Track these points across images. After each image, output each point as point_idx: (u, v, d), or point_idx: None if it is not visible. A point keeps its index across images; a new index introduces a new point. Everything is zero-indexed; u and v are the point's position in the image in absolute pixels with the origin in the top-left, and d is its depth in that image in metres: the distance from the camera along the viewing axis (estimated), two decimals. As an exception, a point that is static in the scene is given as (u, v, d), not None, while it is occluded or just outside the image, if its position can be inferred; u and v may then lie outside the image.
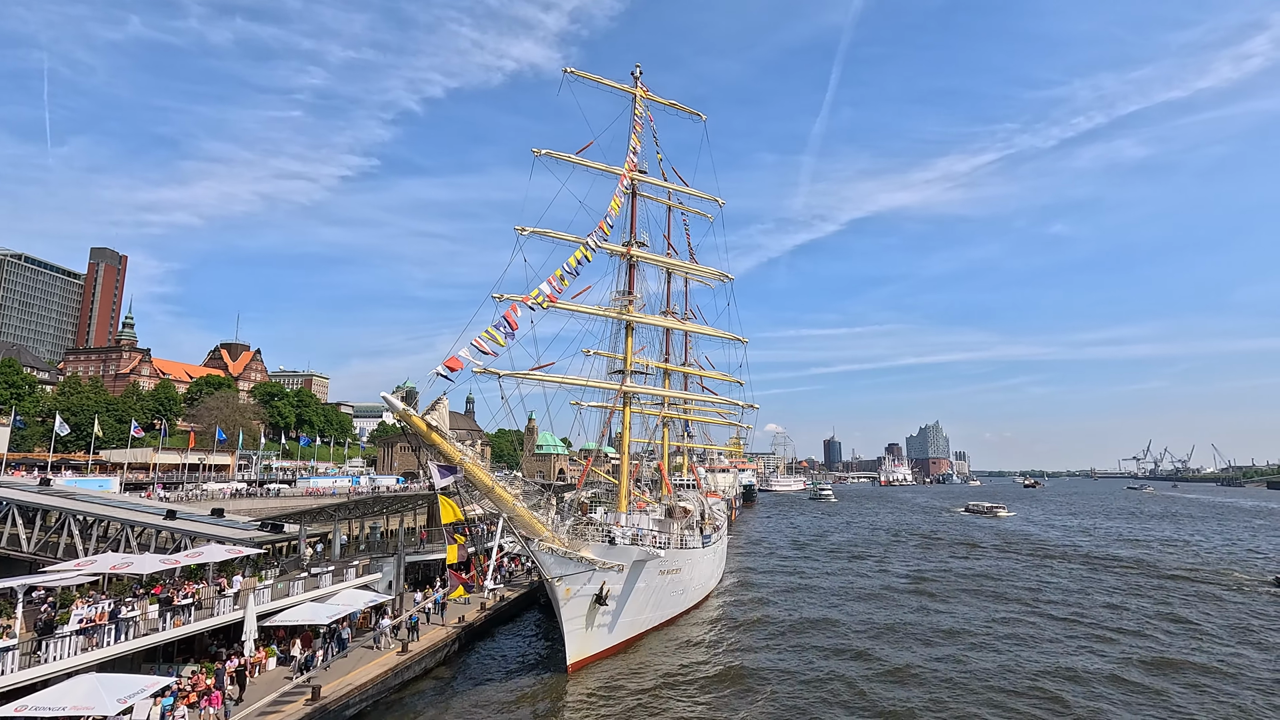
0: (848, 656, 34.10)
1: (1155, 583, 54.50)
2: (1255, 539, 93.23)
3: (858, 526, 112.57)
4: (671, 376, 67.36)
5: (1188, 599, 48.68)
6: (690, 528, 48.17)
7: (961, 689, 29.14)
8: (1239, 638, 38.09)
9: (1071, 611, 44.60)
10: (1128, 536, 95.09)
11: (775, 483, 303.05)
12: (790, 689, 29.03)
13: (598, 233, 39.02)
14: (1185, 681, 30.50)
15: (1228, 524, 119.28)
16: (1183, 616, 42.99)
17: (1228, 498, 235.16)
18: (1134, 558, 70.96)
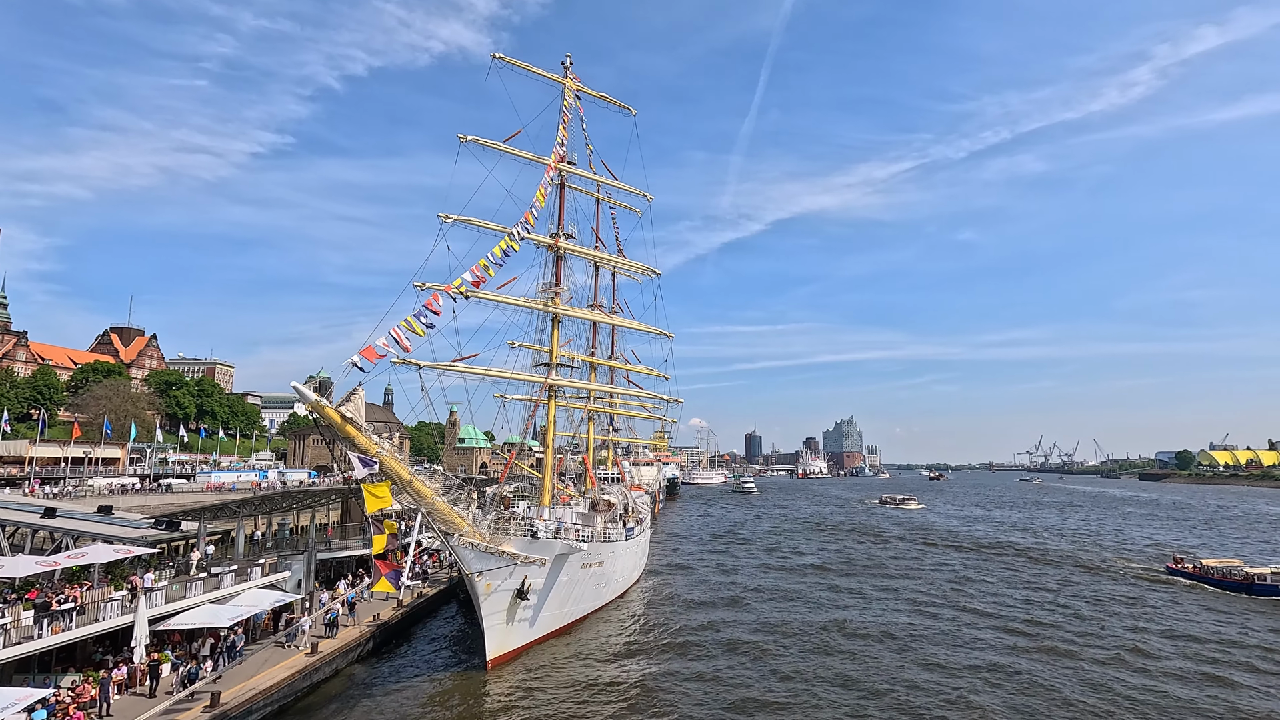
0: (763, 646, 35.05)
1: (1055, 573, 57.97)
2: (1137, 528, 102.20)
3: (776, 518, 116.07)
4: (598, 370, 67.25)
5: (1080, 586, 52.32)
6: (614, 521, 48.35)
7: (868, 683, 30.51)
8: (1133, 623, 39.77)
9: (971, 599, 47.58)
10: (1022, 526, 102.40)
11: (698, 476, 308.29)
12: (707, 680, 29.56)
13: (524, 223, 38.44)
14: (1082, 669, 32.96)
15: (1107, 512, 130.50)
16: (1080, 603, 45.71)
17: (1105, 488, 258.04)
18: (1030, 546, 76.34)
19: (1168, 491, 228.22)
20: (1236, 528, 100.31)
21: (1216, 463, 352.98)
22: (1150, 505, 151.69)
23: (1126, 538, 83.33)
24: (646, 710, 25.81)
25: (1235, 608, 43.91)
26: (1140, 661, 32.13)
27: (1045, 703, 26.74)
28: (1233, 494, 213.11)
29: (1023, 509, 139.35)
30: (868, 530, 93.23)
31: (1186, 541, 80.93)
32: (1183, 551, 66.75)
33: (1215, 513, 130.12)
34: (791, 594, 47.75)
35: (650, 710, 25.77)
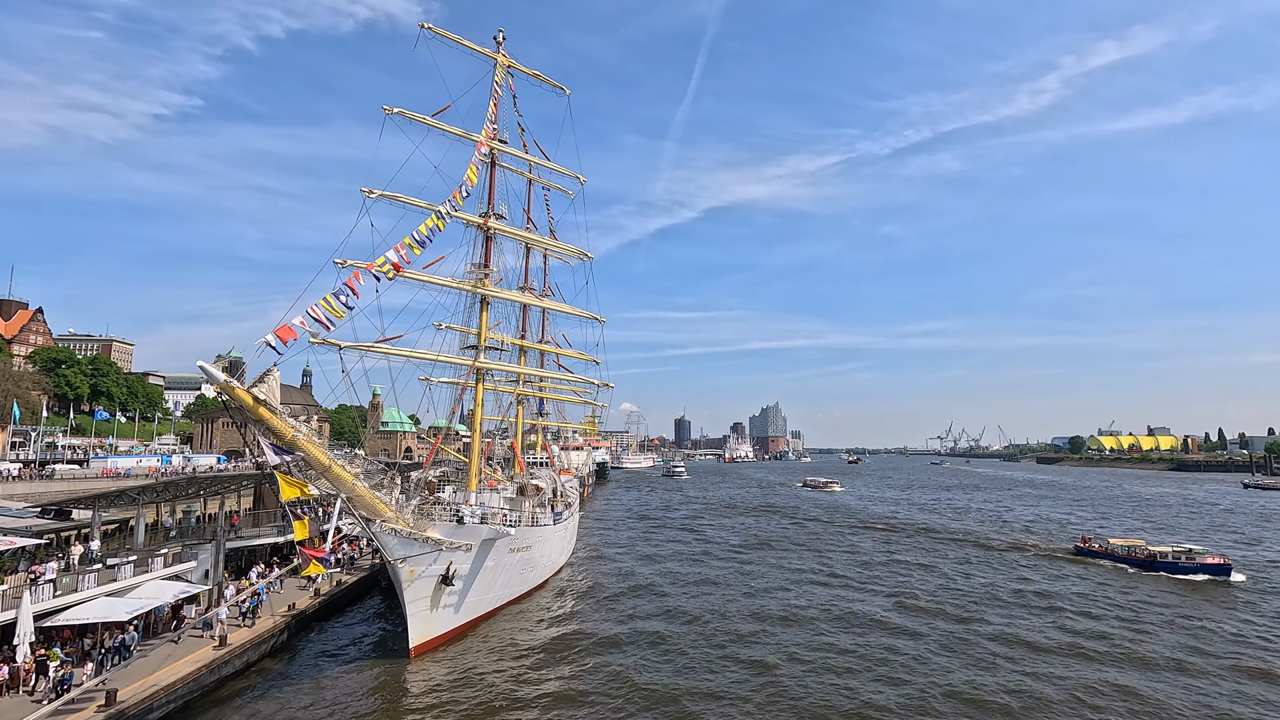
0: (685, 630, 35.76)
1: (975, 554, 59.70)
2: (1036, 508, 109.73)
3: (703, 502, 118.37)
4: (528, 354, 66.46)
5: (996, 566, 54.29)
6: (542, 505, 48.14)
7: (786, 667, 31.65)
8: (1050, 601, 41.28)
9: (878, 578, 49.93)
10: (935, 508, 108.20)
11: (627, 460, 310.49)
12: (630, 664, 29.87)
13: (453, 201, 37.32)
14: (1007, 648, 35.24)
15: (1009, 494, 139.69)
16: (998, 582, 47.42)
17: (1006, 471, 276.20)
18: (947, 529, 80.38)
19: (1061, 474, 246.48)
20: (1119, 507, 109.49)
21: (1104, 447, 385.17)
22: (1046, 487, 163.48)
23: (1032, 518, 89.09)
24: (569, 695, 25.95)
25: (1140, 583, 46.65)
26: (1058, 636, 33.62)
27: (971, 676, 28.46)
28: (1115, 475, 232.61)
29: (935, 491, 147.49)
30: (792, 513, 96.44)
31: (1082, 520, 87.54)
32: (1086, 531, 71.00)
33: (1100, 493, 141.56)
34: (714, 578, 48.79)
35: (573, 696, 25.91)
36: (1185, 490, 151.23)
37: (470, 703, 25.13)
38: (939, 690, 26.40)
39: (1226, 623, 36.57)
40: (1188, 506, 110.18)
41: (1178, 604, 40.88)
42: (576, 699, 25.48)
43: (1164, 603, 41.24)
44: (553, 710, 24.41)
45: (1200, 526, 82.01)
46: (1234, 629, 35.39)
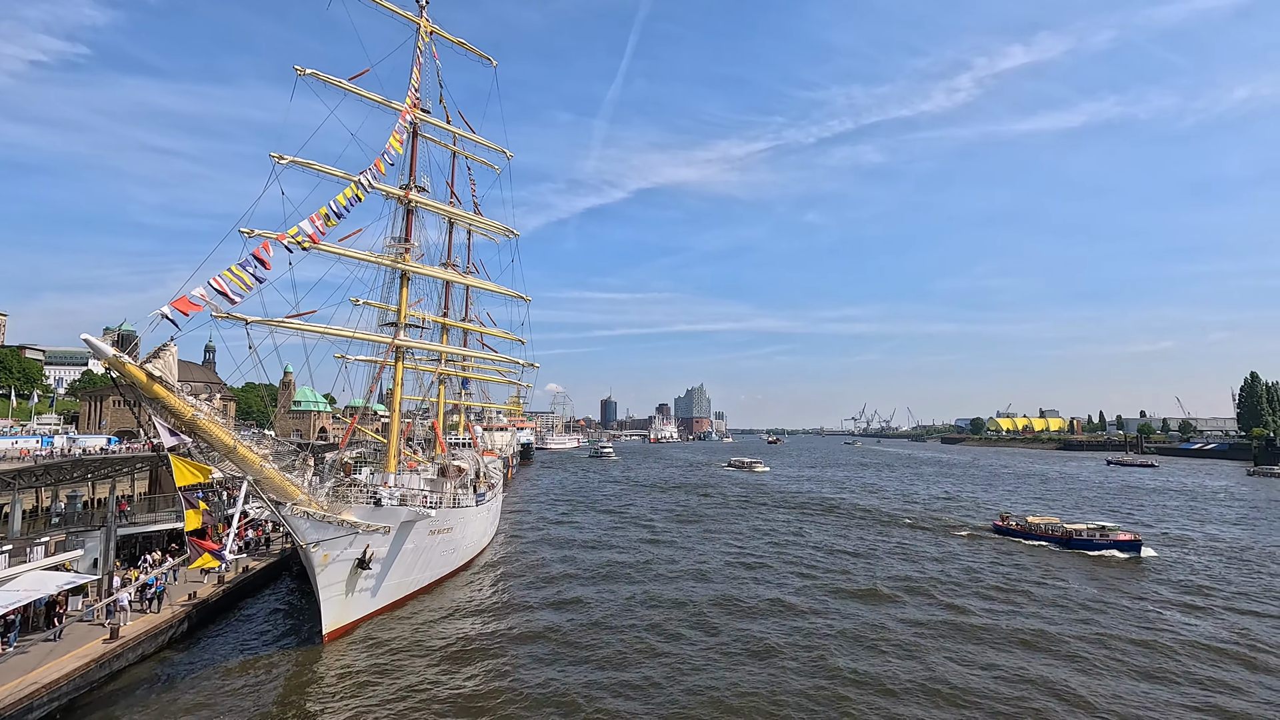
0: (609, 605, 36.17)
1: (896, 532, 60.57)
2: (944, 484, 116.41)
3: (628, 482, 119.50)
4: (450, 332, 64.75)
5: (914, 544, 55.38)
6: (464, 486, 47.38)
7: (705, 646, 32.53)
8: (972, 577, 42.06)
9: (802, 559, 51.79)
10: (852, 487, 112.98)
11: (552, 441, 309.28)
12: (550, 644, 29.82)
13: (373, 170, 35.70)
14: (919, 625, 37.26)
15: (916, 471, 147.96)
16: (919, 560, 48.49)
17: (913, 450, 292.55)
18: (869, 508, 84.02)
19: (963, 453, 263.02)
20: (1016, 484, 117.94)
21: (1001, 428, 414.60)
22: (950, 465, 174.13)
23: (945, 496, 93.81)
24: (488, 678, 25.74)
25: (1059, 560, 47.84)
26: (989, 617, 33.79)
27: (894, 651, 30.02)
28: (1010, 454, 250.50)
29: (851, 469, 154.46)
30: (716, 492, 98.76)
31: (990, 497, 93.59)
32: (1001, 508, 74.94)
33: (996, 470, 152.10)
34: (636, 558, 49.41)
35: (492, 679, 25.66)
36: (1065, 468, 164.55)
37: (385, 688, 24.58)
38: (868, 669, 27.80)
39: (1150, 596, 37.89)
40: (1063, 481, 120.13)
41: (1100, 580, 41.66)
42: (494, 682, 25.27)
43: (1087, 579, 42.16)
44: (470, 695, 24.15)
45: (1073, 500, 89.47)
46: (1156, 601, 36.80)
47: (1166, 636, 30.96)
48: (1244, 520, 70.07)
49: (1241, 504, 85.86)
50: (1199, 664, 27.65)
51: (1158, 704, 23.52)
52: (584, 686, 24.88)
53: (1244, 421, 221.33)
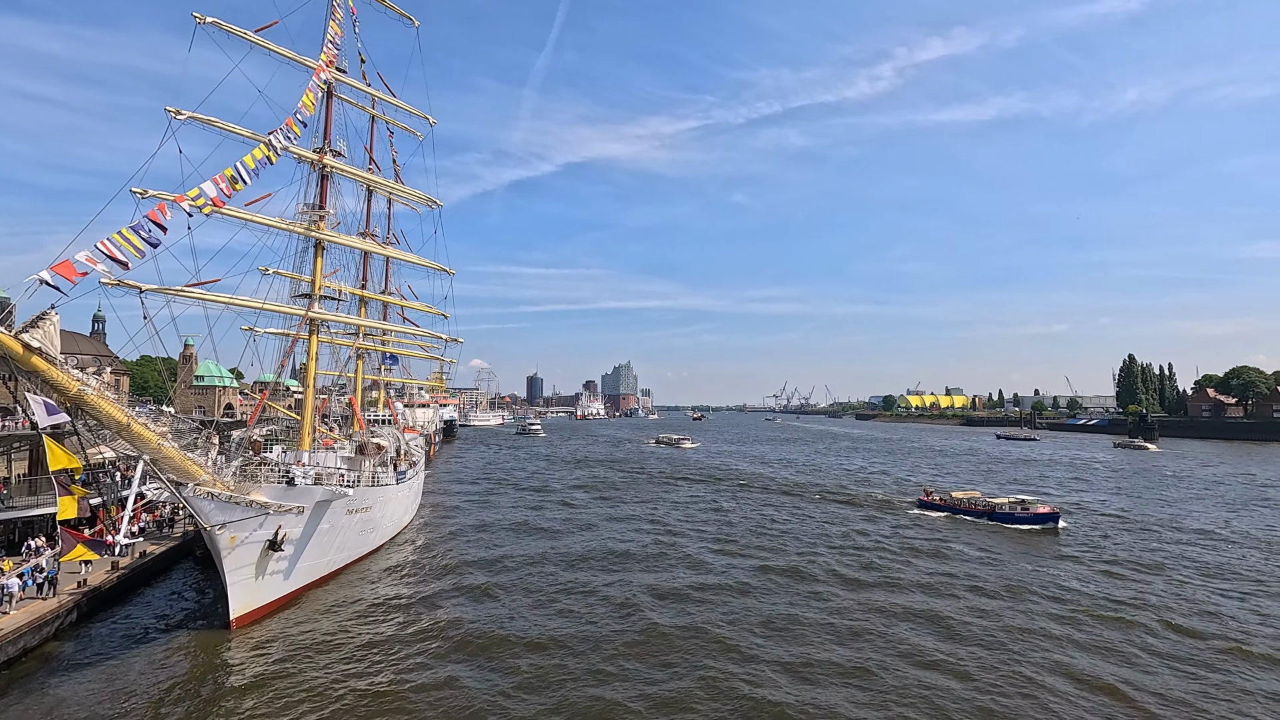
0: (527, 582, 36.00)
1: (825, 508, 60.71)
2: (867, 460, 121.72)
3: (554, 459, 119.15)
4: (369, 305, 62.21)
5: (844, 519, 56.34)
6: (384, 465, 46.03)
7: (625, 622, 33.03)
8: (900, 551, 42.75)
9: (731, 533, 53.06)
10: (776, 462, 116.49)
11: (476, 418, 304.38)
12: (468, 623, 29.34)
13: (284, 131, 33.57)
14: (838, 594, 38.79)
15: (832, 446, 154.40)
16: (850, 535, 48.45)
17: (830, 426, 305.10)
18: (797, 483, 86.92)
19: (876, 429, 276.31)
20: (926, 458, 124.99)
21: (910, 405, 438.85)
22: (864, 440, 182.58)
23: (866, 470, 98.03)
24: (403, 661, 25.09)
25: (983, 533, 48.88)
26: (909, 586, 34.98)
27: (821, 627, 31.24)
28: (918, 429, 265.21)
29: (773, 444, 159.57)
30: (644, 468, 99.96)
31: (901, 471, 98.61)
32: (910, 482, 78.69)
33: (905, 444, 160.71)
34: (559, 534, 49.52)
35: (407, 662, 25.08)
36: (965, 442, 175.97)
37: (298, 673, 23.75)
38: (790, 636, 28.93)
39: (1071, 567, 39.22)
40: (965, 455, 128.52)
41: (1027, 552, 43.01)
42: (409, 666, 24.69)
43: (1012, 550, 43.25)
44: (384, 679, 23.49)
45: (976, 473, 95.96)
46: (1079, 571, 38.28)
47: (1103, 602, 32.30)
48: (1121, 491, 76.86)
49: (1114, 474, 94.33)
50: (1133, 625, 29.24)
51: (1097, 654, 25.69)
52: (497, 667, 24.59)
53: (1122, 399, 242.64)
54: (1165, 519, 55.31)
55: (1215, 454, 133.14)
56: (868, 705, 21.69)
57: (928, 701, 21.91)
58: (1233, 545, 45.40)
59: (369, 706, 21.40)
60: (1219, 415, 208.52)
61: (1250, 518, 56.31)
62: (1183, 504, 64.23)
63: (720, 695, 22.26)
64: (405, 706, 21.46)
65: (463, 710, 21.29)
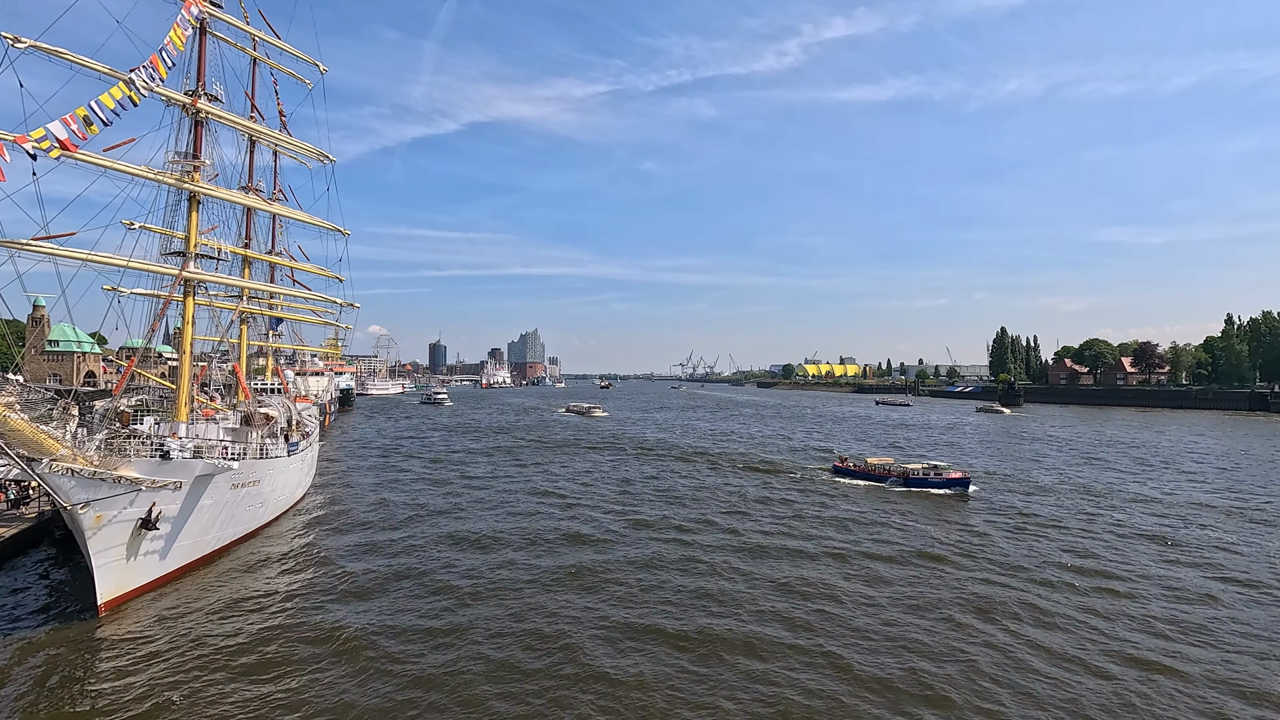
0: (425, 559, 34.98)
1: (740, 476, 61.72)
2: (774, 427, 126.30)
3: (457, 429, 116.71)
4: (253, 265, 57.77)
5: (758, 487, 56.95)
6: (274, 436, 43.43)
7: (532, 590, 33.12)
8: (817, 517, 43.23)
9: (639, 501, 54.01)
10: (687, 430, 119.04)
11: (375, 386, 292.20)
12: (360, 598, 28.14)
13: (149, 69, 30.20)
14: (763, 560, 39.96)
15: (737, 414, 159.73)
16: (769, 502, 48.73)
17: (732, 394, 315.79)
18: (706, 450, 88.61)
19: (776, 396, 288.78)
20: (819, 422, 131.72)
21: (808, 373, 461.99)
22: (765, 406, 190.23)
23: (777, 437, 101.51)
24: (291, 641, 23.87)
25: (899, 499, 49.62)
26: (830, 550, 35.57)
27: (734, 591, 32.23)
28: (815, 396, 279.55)
29: (679, 411, 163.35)
30: (552, 436, 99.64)
31: (810, 438, 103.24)
32: (816, 448, 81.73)
33: (801, 410, 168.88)
34: (461, 509, 48.53)
35: (294, 641, 23.84)
36: (851, 408, 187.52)
37: (174, 658, 22.10)
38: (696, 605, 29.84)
39: (982, 528, 40.76)
40: (852, 420, 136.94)
41: (941, 515, 44.11)
42: (298, 645, 23.47)
43: (928, 514, 44.32)
44: (270, 659, 22.29)
45: (856, 434, 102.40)
46: (988, 532, 39.82)
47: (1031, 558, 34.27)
48: (994, 454, 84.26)
49: (977, 436, 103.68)
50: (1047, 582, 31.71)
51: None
52: (391, 641, 23.64)
53: (994, 368, 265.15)
54: (1049, 479, 61.05)
55: (1067, 417, 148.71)
56: (806, 667, 22.92)
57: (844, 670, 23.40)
58: (1089, 498, 51.01)
59: (246, 692, 20.14)
60: (1074, 383, 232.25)
61: (1095, 471, 63.36)
62: (1047, 462, 71.34)
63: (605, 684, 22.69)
64: (286, 691, 20.27)
65: (347, 695, 20.00)
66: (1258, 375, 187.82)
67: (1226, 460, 73.93)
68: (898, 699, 19.90)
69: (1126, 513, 45.40)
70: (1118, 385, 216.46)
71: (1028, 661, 22.23)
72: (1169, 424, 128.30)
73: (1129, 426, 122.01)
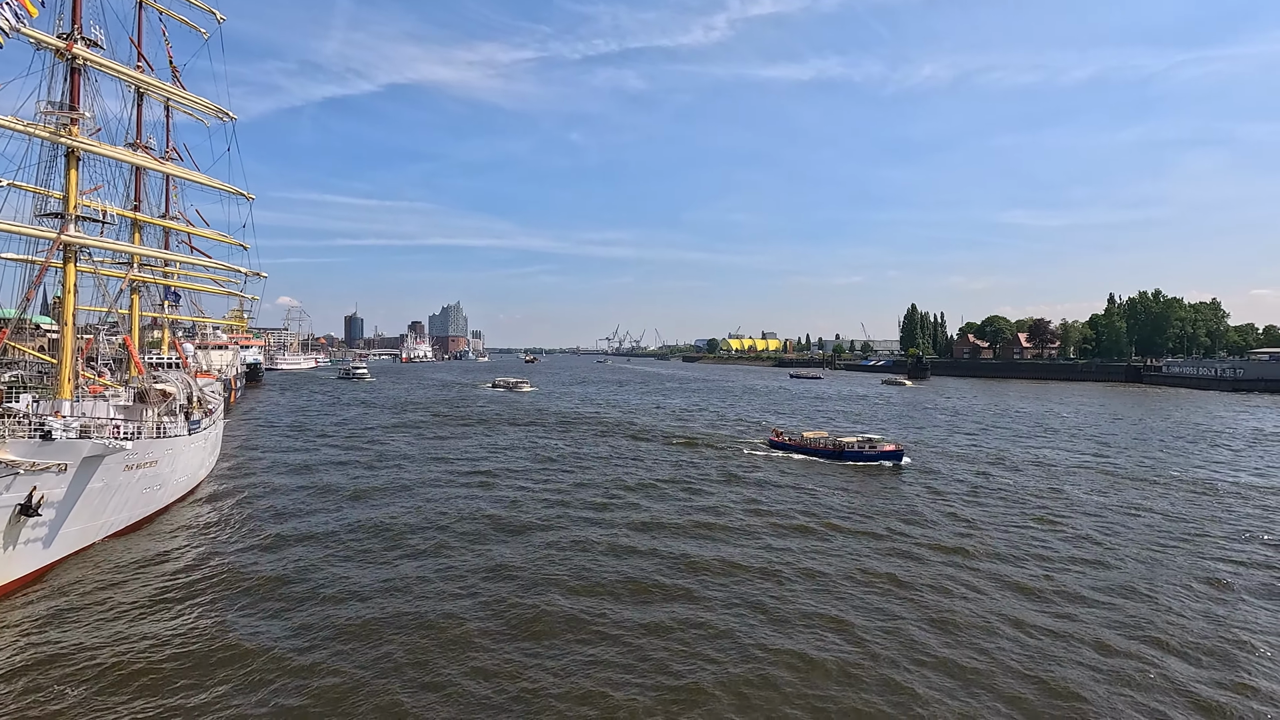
0: (336, 548, 33.16)
1: (683, 452, 59.47)
2: (705, 400, 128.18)
3: (374, 405, 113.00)
4: (145, 230, 53.40)
5: (695, 461, 56.49)
6: (173, 413, 40.78)
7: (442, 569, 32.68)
8: (754, 491, 42.97)
9: (578, 475, 53.54)
10: (617, 403, 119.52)
11: (285, 360, 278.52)
12: (266, 582, 26.63)
13: (14, 6, 27.10)
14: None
15: (661, 388, 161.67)
16: (703, 476, 48.68)
17: (658, 368, 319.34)
18: (633, 425, 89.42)
19: (700, 370, 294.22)
20: (744, 396, 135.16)
21: (732, 348, 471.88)
22: (691, 380, 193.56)
23: (709, 411, 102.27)
24: (190, 631, 22.52)
25: (835, 472, 50.25)
26: (765, 522, 35.93)
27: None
28: (738, 371, 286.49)
29: (606, 385, 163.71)
30: (475, 411, 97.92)
31: (733, 412, 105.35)
32: (750, 422, 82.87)
33: (726, 384, 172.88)
34: (375, 489, 47.01)
35: (193, 632, 22.38)
36: (774, 382, 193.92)
37: (58, 651, 20.57)
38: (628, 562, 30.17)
39: (913, 499, 41.73)
40: (776, 392, 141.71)
41: (878, 488, 44.99)
42: (196, 637, 21.98)
43: (862, 486, 45.03)
44: (165, 652, 20.83)
45: (772, 406, 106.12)
46: (920, 503, 40.66)
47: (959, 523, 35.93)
48: (898, 423, 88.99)
49: (885, 407, 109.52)
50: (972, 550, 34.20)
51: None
52: (292, 641, 22.04)
53: (905, 343, 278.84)
54: (961, 449, 65.11)
55: (966, 389, 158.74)
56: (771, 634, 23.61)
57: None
58: (998, 465, 54.80)
59: (139, 687, 18.74)
60: (976, 357, 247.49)
61: (991, 439, 68.22)
62: (942, 430, 76.08)
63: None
64: (167, 710, 17.98)
65: (242, 710, 17.94)
66: (1134, 350, 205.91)
67: (1096, 427, 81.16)
68: (827, 674, 20.97)
69: (1020, 473, 49.36)
70: (1015, 359, 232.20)
71: (979, 621, 23.91)
72: (1056, 394, 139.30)
73: (1022, 397, 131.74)
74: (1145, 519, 37.53)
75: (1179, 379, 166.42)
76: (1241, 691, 18.92)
